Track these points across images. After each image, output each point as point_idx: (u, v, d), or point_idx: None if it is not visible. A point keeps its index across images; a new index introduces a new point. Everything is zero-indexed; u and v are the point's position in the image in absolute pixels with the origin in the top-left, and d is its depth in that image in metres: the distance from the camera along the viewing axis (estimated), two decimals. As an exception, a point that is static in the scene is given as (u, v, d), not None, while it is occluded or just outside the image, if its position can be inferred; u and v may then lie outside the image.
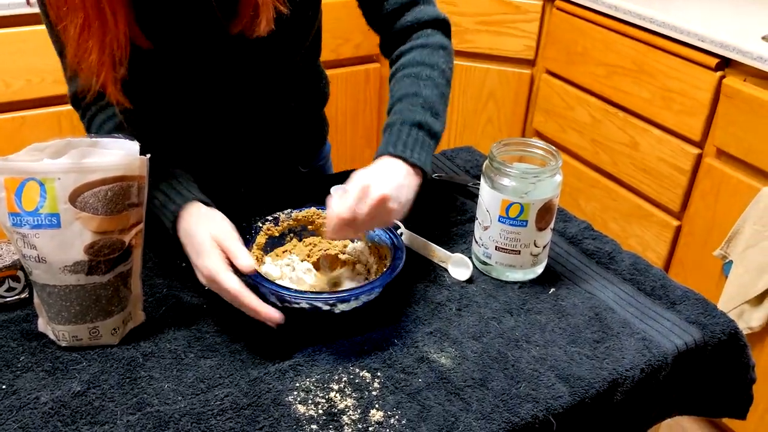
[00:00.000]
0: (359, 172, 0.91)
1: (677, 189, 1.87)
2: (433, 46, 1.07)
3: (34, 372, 0.84)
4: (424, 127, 0.99)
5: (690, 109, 1.78)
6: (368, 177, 0.90)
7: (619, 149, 2.01)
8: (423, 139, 0.98)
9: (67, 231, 0.81)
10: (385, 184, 0.89)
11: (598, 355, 0.89)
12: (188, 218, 0.92)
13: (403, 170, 0.93)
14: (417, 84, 1.03)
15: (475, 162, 1.34)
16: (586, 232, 1.13)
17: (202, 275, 0.87)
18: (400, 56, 1.09)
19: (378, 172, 0.92)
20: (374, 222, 0.90)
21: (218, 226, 0.90)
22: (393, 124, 0.99)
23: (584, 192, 2.16)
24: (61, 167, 0.80)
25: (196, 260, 0.88)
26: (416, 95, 1.01)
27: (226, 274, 0.85)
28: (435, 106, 1.02)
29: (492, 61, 2.29)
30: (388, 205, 0.88)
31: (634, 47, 1.89)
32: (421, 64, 1.05)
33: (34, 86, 1.84)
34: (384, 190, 0.88)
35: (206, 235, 0.88)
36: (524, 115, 2.34)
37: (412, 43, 1.08)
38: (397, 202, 0.90)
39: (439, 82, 1.04)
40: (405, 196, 0.92)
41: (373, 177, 0.90)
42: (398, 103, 1.02)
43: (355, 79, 2.36)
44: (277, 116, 1.18)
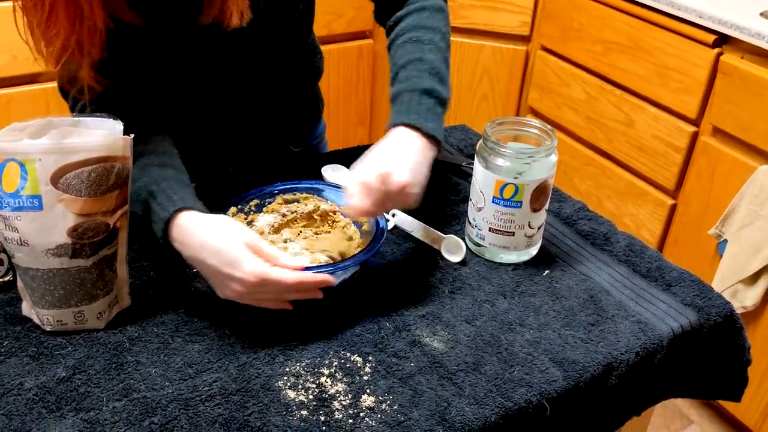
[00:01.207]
0: (375, 154, 0.89)
1: (672, 167, 1.85)
2: (431, 8, 1.04)
3: (18, 357, 0.82)
4: (433, 94, 0.97)
5: (686, 87, 1.76)
6: (386, 162, 0.87)
7: (614, 127, 1.99)
8: (434, 107, 0.96)
9: (50, 213, 0.79)
10: (404, 168, 0.87)
11: (592, 338, 0.88)
12: (193, 227, 0.85)
13: (418, 144, 0.91)
14: (420, 49, 1.00)
15: (469, 141, 1.32)
16: (581, 213, 1.11)
17: (247, 283, 0.81)
18: (398, 21, 1.06)
19: (395, 154, 0.89)
20: (394, 205, 0.90)
21: (244, 232, 0.84)
22: (402, 92, 0.97)
23: (579, 170, 2.14)
24: (42, 147, 0.78)
25: (234, 271, 0.81)
26: (421, 60, 0.99)
27: (277, 269, 0.81)
28: (441, 71, 1.00)
29: (486, 37, 2.25)
30: (407, 191, 0.87)
31: (630, 23, 1.87)
32: (422, 28, 1.02)
33: (20, 63, 1.80)
34: (404, 178, 0.86)
35: (238, 242, 0.82)
36: (519, 92, 2.31)
37: (409, 7, 1.05)
38: (417, 186, 0.89)
39: (441, 46, 1.02)
40: (422, 174, 0.90)
41: (391, 162, 0.87)
42: (403, 70, 0.99)
43: (348, 56, 2.32)
44: (269, 92, 1.15)
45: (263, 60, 1.10)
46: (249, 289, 0.81)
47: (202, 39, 1.02)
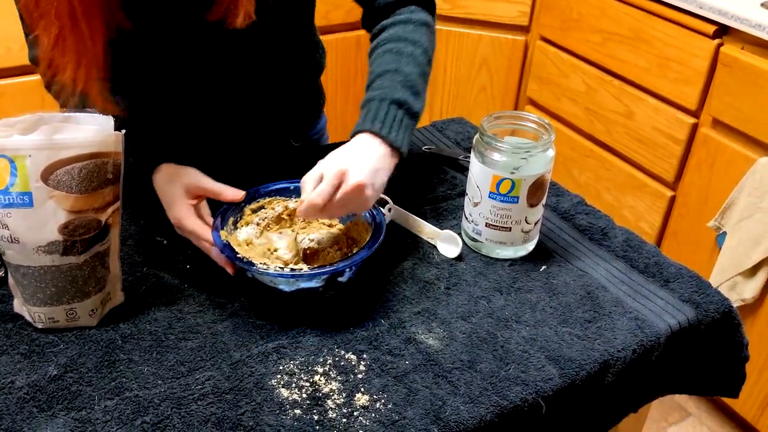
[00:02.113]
0: (335, 154, 0.89)
1: (672, 159, 1.84)
2: (416, 22, 1.03)
3: (9, 355, 0.81)
4: (404, 106, 0.95)
5: (686, 78, 1.75)
6: (345, 161, 0.87)
7: (613, 118, 1.97)
8: (402, 118, 0.94)
9: (40, 210, 0.78)
10: (362, 169, 0.86)
11: (589, 335, 0.87)
12: (161, 177, 0.95)
13: (379, 151, 0.90)
14: (398, 60, 0.99)
15: (466, 134, 1.31)
16: (579, 207, 1.10)
17: (173, 225, 0.93)
18: (382, 30, 1.05)
19: (354, 155, 0.88)
20: (348, 208, 0.88)
21: (190, 177, 0.94)
22: (372, 99, 0.95)
23: (578, 162, 2.13)
24: (33, 144, 0.77)
25: (168, 213, 0.94)
26: (397, 72, 0.98)
27: (190, 219, 0.91)
28: (416, 84, 0.98)
29: (485, 28, 2.24)
30: (364, 192, 0.86)
31: (630, 14, 1.85)
32: (404, 40, 1.01)
33: (14, 54, 1.78)
34: (360, 177, 0.85)
35: (177, 187, 0.93)
36: (518, 83, 2.30)
37: (395, 18, 1.04)
38: (373, 189, 0.87)
39: (420, 61, 1.00)
40: (380, 180, 0.89)
41: (350, 161, 0.87)
42: (378, 79, 0.98)
43: (346, 47, 2.30)
44: (270, 87, 1.14)
45: (264, 55, 1.09)
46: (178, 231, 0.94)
47: (203, 35, 1.01)
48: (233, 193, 0.93)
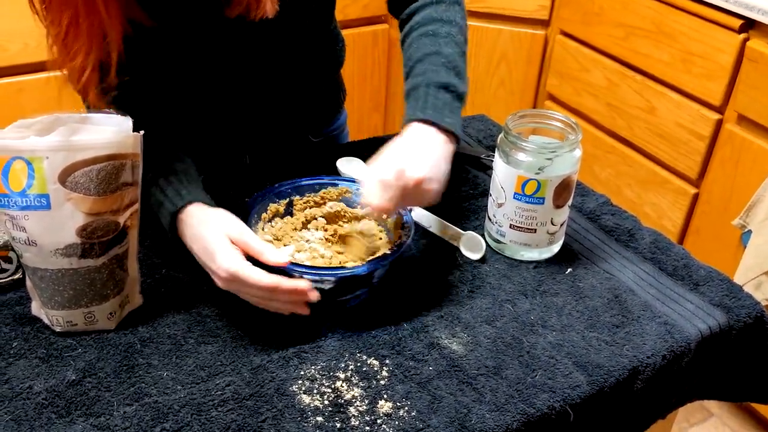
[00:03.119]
0: (391, 150, 0.86)
1: (695, 156, 1.80)
2: (447, 1, 1.01)
3: (28, 359, 0.80)
4: (450, 89, 0.93)
5: (711, 73, 1.71)
6: (402, 158, 0.84)
7: (635, 114, 1.94)
8: (451, 102, 0.92)
9: (58, 212, 0.77)
10: (421, 164, 0.84)
11: (617, 341, 0.85)
12: (191, 220, 0.85)
13: (436, 140, 0.88)
14: (437, 42, 0.97)
15: (488, 131, 1.28)
16: (605, 207, 1.08)
17: (220, 277, 0.80)
18: (413, 14, 1.02)
19: (412, 149, 0.86)
20: (410, 203, 0.87)
21: (231, 225, 0.83)
22: (418, 86, 0.93)
23: (599, 158, 2.10)
24: (50, 145, 0.75)
25: (210, 263, 0.81)
26: (438, 54, 0.95)
27: (251, 268, 0.78)
28: (458, 65, 0.96)
29: (505, 22, 2.20)
30: (424, 186, 0.84)
31: (653, 7, 1.81)
32: (438, 21, 0.99)
33: (32, 50, 1.78)
34: (421, 173, 0.83)
35: (220, 234, 0.81)
36: (537, 78, 2.26)
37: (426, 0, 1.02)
38: (436, 182, 0.85)
39: (458, 40, 0.98)
40: (443, 170, 0.87)
41: (408, 157, 0.84)
42: (419, 64, 0.96)
43: (363, 41, 2.28)
44: (290, 81, 1.12)
45: (284, 48, 1.07)
46: (224, 284, 0.81)
47: (223, 29, 0.99)
48: (276, 258, 0.80)
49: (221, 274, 0.79)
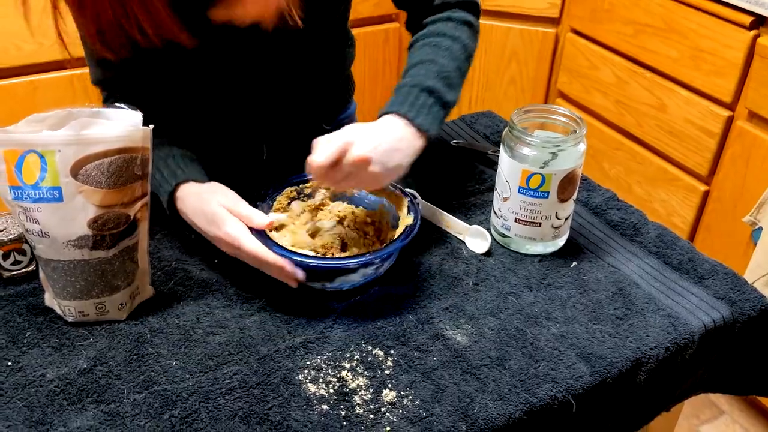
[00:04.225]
0: (351, 126, 0.88)
1: (706, 153, 1.80)
2: (457, 20, 1.03)
3: (40, 348, 0.82)
4: (435, 94, 0.94)
5: (721, 70, 1.71)
6: (356, 133, 0.86)
7: (645, 111, 1.94)
8: (431, 105, 0.93)
9: (70, 205, 0.79)
10: (371, 145, 0.85)
11: (621, 332, 0.86)
12: (189, 196, 0.91)
13: (400, 132, 0.89)
14: (435, 52, 0.99)
15: (495, 128, 1.29)
16: (611, 202, 1.08)
17: (223, 243, 0.87)
18: (423, 27, 1.05)
19: (370, 131, 0.87)
20: (354, 181, 0.87)
21: (225, 195, 0.90)
22: (403, 86, 0.95)
23: (608, 155, 2.10)
24: (62, 139, 0.77)
25: (214, 231, 0.88)
26: (432, 62, 0.97)
27: (249, 237, 0.85)
28: (450, 77, 0.97)
29: (515, 20, 2.21)
30: (370, 167, 0.84)
31: (662, 4, 1.81)
32: (443, 35, 1.02)
33: (46, 49, 1.80)
34: (365, 152, 0.83)
35: (217, 205, 0.88)
36: (548, 76, 2.27)
37: (438, 16, 1.04)
38: (382, 166, 0.86)
39: (458, 55, 1.00)
40: (396, 160, 0.87)
41: (361, 135, 0.85)
42: (412, 69, 0.98)
43: (374, 39, 2.29)
44: (301, 77, 1.14)
45: (298, 48, 1.08)
46: (228, 249, 0.88)
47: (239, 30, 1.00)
48: (261, 220, 0.87)
49: (225, 239, 0.86)
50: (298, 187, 0.99)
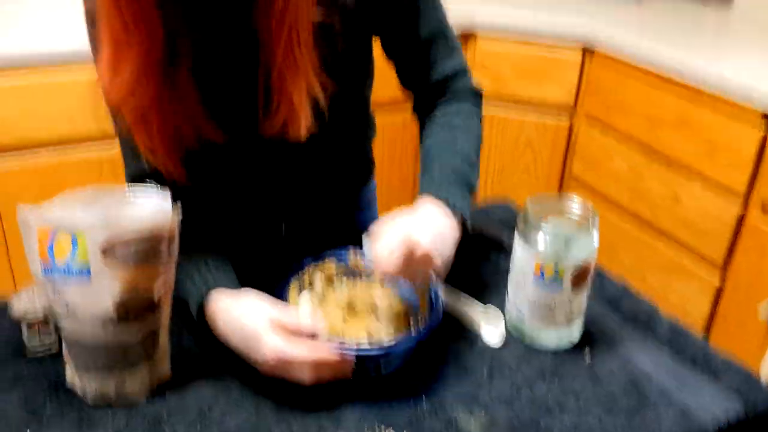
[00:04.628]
0: (402, 220, 0.91)
1: (720, 244, 1.82)
2: (467, 112, 1.09)
3: (60, 425, 0.83)
4: (463, 177, 1.00)
5: (734, 163, 1.74)
6: (411, 226, 0.89)
7: (659, 201, 1.97)
8: (462, 189, 0.99)
9: (97, 283, 0.81)
10: (430, 236, 0.89)
11: (633, 426, 0.86)
12: (223, 312, 0.89)
13: (445, 221, 0.94)
14: (454, 138, 1.05)
15: (510, 215, 1.32)
16: (624, 294, 1.10)
17: (268, 365, 0.84)
18: (434, 115, 1.11)
19: (423, 223, 0.92)
20: (412, 274, 0.90)
21: (267, 309, 0.87)
22: (432, 168, 1.00)
23: (623, 243, 2.11)
24: (93, 218, 0.80)
25: (254, 354, 0.85)
26: (454, 146, 1.03)
27: (295, 347, 0.83)
28: (471, 158, 1.04)
29: (530, 109, 2.27)
30: (429, 258, 0.88)
31: (676, 99, 1.87)
32: (457, 118, 1.07)
33: (78, 127, 1.87)
34: (428, 244, 0.88)
35: (260, 321, 0.85)
36: (562, 164, 2.31)
37: (448, 108, 1.10)
38: (441, 256, 0.90)
39: (472, 137, 1.06)
40: (448, 249, 0.92)
41: (418, 228, 0.89)
42: (435, 151, 1.03)
43: (392, 124, 2.36)
44: (322, 157, 1.18)
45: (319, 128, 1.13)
46: (272, 370, 0.84)
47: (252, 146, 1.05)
48: (309, 328, 0.85)
49: (270, 359, 0.83)
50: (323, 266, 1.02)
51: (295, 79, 0.92)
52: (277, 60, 0.92)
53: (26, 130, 1.83)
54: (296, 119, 0.95)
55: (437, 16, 1.08)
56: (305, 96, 0.93)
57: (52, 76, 1.80)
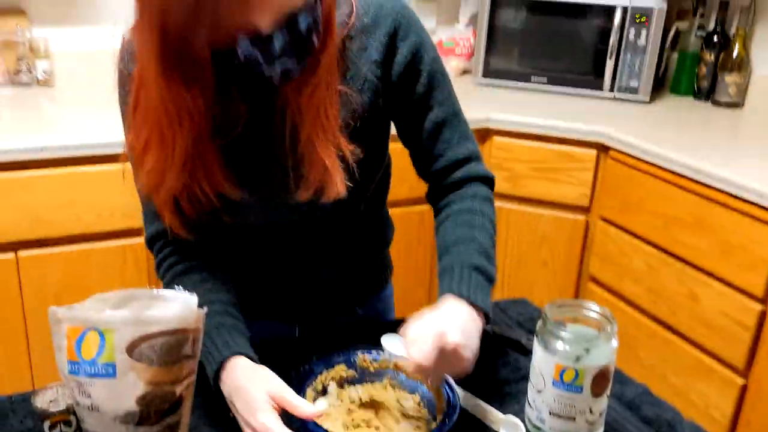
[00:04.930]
0: (430, 317, 0.93)
1: (741, 345, 1.80)
2: (481, 197, 1.12)
3: None
4: (482, 271, 1.02)
5: (751, 264, 1.74)
6: (441, 321, 0.92)
7: (678, 300, 1.96)
8: (483, 283, 1.01)
9: (122, 381, 0.83)
10: (459, 330, 0.91)
11: None
12: (236, 372, 0.94)
13: (471, 315, 0.96)
14: (471, 230, 1.07)
15: (528, 315, 1.32)
16: (645, 397, 1.09)
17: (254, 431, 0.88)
18: (450, 204, 1.13)
19: (450, 317, 0.94)
20: (447, 370, 0.92)
21: (272, 383, 0.91)
22: (452, 266, 1.02)
23: (643, 342, 2.09)
24: (122, 318, 0.82)
25: (248, 417, 0.89)
26: (472, 240, 1.05)
27: (283, 429, 0.86)
28: (489, 251, 1.05)
29: (546, 206, 2.30)
30: (460, 352, 0.90)
31: (691, 199, 1.89)
32: (472, 212, 1.09)
33: (104, 220, 1.92)
34: (458, 338, 0.90)
35: (260, 391, 0.89)
36: (579, 260, 2.32)
37: (462, 192, 1.12)
38: (470, 350, 0.92)
39: (489, 229, 1.08)
40: (475, 343, 0.94)
41: (447, 322, 0.92)
42: (453, 247, 1.05)
43: (409, 220, 2.39)
44: (339, 258, 1.20)
45: (337, 229, 1.16)
46: None
47: (285, 208, 1.08)
48: (311, 411, 0.89)
49: (258, 428, 0.87)
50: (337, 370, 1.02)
51: (325, 144, 0.97)
52: (306, 130, 0.97)
53: (52, 222, 1.88)
54: (331, 180, 0.98)
55: (450, 102, 1.12)
56: (335, 157, 0.98)
57: (80, 168, 1.87)
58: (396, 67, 1.05)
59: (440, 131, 1.11)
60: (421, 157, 1.15)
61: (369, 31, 1.03)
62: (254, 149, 1.02)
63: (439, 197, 1.15)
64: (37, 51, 2.29)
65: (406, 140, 1.14)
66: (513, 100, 2.46)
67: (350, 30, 1.01)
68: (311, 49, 0.91)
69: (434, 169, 1.14)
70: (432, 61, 1.08)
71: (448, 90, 1.11)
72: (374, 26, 1.02)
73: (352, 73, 1.02)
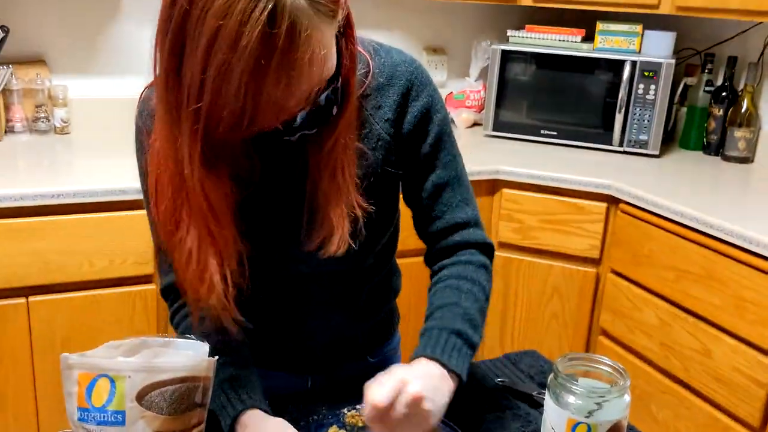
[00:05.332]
0: (396, 367, 0.93)
1: (755, 402, 1.77)
2: (476, 263, 1.11)
3: None
4: (462, 336, 1.02)
5: (764, 320, 1.73)
6: (404, 373, 0.91)
7: (690, 355, 1.94)
8: (460, 347, 1.01)
9: (131, 429, 0.82)
10: (422, 383, 0.90)
11: None
12: (252, 426, 0.93)
13: (438, 372, 0.96)
14: (458, 295, 1.07)
15: (539, 368, 1.31)
16: (658, 455, 1.07)
17: None
18: (443, 268, 1.13)
19: (416, 372, 0.93)
20: (410, 422, 0.90)
21: None
22: (431, 329, 1.02)
23: (655, 397, 2.06)
24: (133, 366, 0.83)
25: None
26: (456, 305, 1.05)
27: None
28: (474, 318, 1.05)
29: (556, 258, 2.30)
30: (423, 404, 0.89)
31: (702, 253, 1.88)
32: (463, 278, 1.09)
33: (116, 266, 1.93)
34: (420, 389, 0.88)
35: None
36: (590, 313, 2.31)
37: (457, 258, 1.12)
38: (433, 404, 0.90)
39: (479, 297, 1.08)
40: (441, 399, 0.93)
41: (410, 374, 0.91)
42: (438, 311, 1.06)
43: (418, 270, 2.38)
44: (347, 309, 1.20)
45: (343, 280, 1.16)
46: None
47: (293, 257, 1.08)
48: None
49: None
50: None
51: (337, 202, 0.98)
52: (323, 185, 0.98)
53: (64, 267, 1.89)
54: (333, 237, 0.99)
55: (454, 165, 1.12)
56: (344, 215, 0.99)
57: (93, 215, 1.88)
58: (406, 125, 1.07)
59: (441, 193, 1.12)
60: (420, 217, 1.16)
61: (384, 90, 1.05)
62: (269, 202, 1.04)
63: (435, 260, 1.16)
64: (56, 99, 2.34)
65: (408, 199, 1.16)
66: (522, 152, 2.48)
67: (366, 89, 1.03)
68: (330, 117, 0.94)
69: (432, 230, 1.15)
70: (441, 122, 1.10)
71: (453, 153, 1.12)
72: (389, 85, 1.05)
73: (367, 131, 1.04)
